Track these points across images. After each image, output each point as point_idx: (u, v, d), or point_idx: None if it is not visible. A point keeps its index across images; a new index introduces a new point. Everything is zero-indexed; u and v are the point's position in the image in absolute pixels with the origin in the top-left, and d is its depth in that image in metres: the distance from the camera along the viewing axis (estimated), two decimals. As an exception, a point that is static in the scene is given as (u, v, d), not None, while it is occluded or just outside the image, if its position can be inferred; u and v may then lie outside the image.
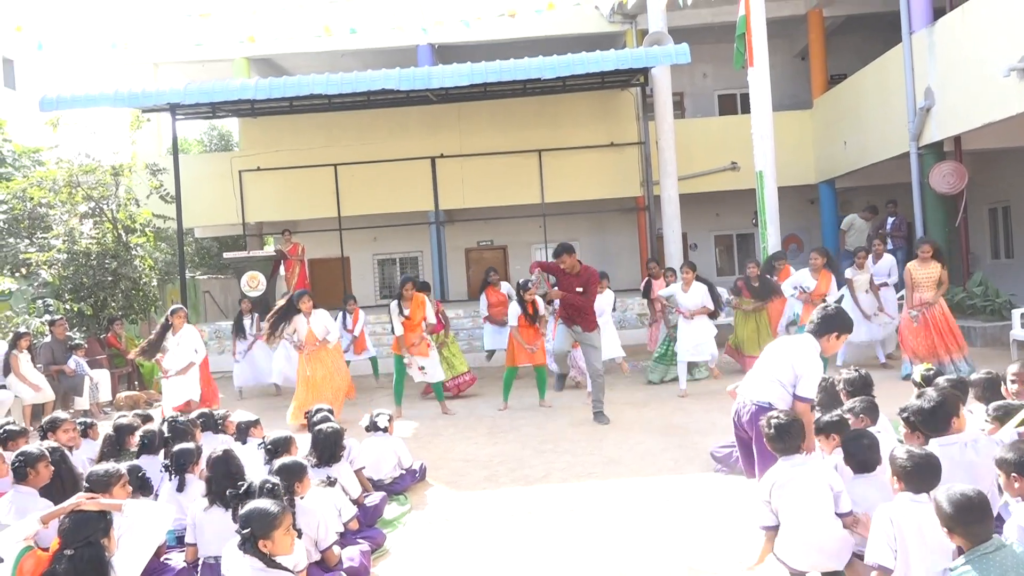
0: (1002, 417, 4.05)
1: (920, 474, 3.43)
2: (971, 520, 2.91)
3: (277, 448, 4.96)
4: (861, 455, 4.01)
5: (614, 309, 10.31)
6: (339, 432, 5.27)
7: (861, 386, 5.08)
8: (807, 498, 3.82)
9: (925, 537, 3.30)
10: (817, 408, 5.11)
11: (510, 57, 12.27)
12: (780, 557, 3.88)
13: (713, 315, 9.31)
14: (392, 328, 8.88)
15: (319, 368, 8.60)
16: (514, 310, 9.04)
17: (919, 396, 4.21)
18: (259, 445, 5.30)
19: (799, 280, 9.33)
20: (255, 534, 3.36)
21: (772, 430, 4.01)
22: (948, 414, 3.96)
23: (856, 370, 5.24)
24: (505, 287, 10.75)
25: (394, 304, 8.81)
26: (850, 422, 4.54)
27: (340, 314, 10.93)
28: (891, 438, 4.60)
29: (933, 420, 3.99)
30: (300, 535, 3.80)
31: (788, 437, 3.97)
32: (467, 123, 16.45)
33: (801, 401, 4.28)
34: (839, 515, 3.84)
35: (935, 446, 3.90)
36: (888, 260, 10.44)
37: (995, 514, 3.36)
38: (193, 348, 8.78)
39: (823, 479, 3.86)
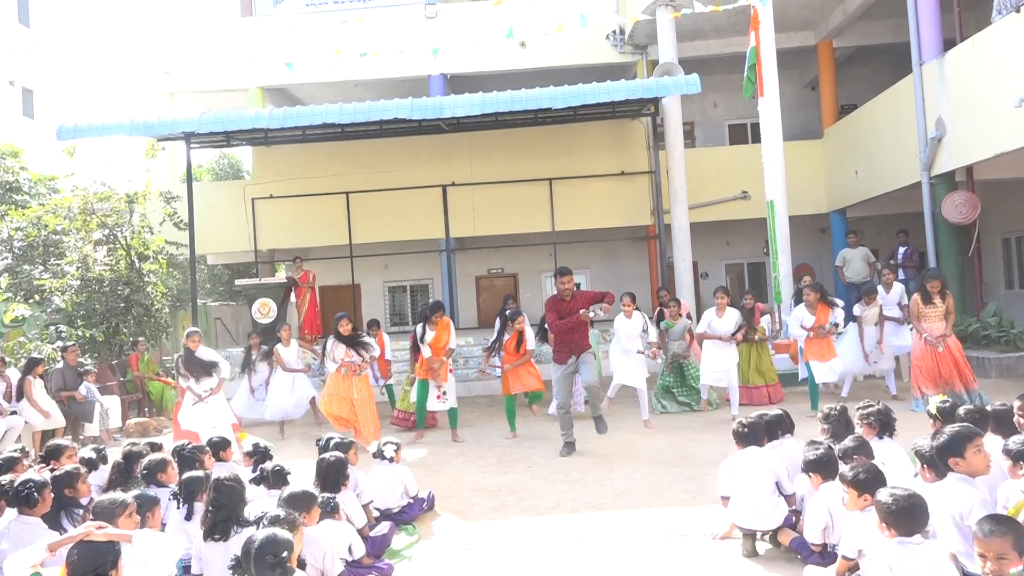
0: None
1: (906, 515, 3.38)
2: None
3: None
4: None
5: (645, 330, 9.35)
6: (343, 461, 5.25)
7: (879, 417, 5.02)
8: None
9: None
10: (829, 438, 5.08)
11: (521, 87, 12.36)
12: None
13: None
14: (413, 351, 9.01)
15: (359, 390, 8.59)
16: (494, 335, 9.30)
17: (937, 433, 4.13)
18: (250, 480, 5.22)
19: (800, 317, 9.29)
20: (284, 561, 3.30)
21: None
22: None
23: (876, 402, 5.20)
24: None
25: (419, 327, 8.98)
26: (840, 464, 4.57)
27: None
28: (907, 472, 4.56)
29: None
30: (304, 566, 3.76)
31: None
32: (478, 152, 16.55)
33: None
34: None
35: (954, 482, 3.85)
36: (898, 289, 10.41)
37: None
38: (217, 362, 8.44)
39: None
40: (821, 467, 4.47)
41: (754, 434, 5.04)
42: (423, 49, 14.47)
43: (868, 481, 3.90)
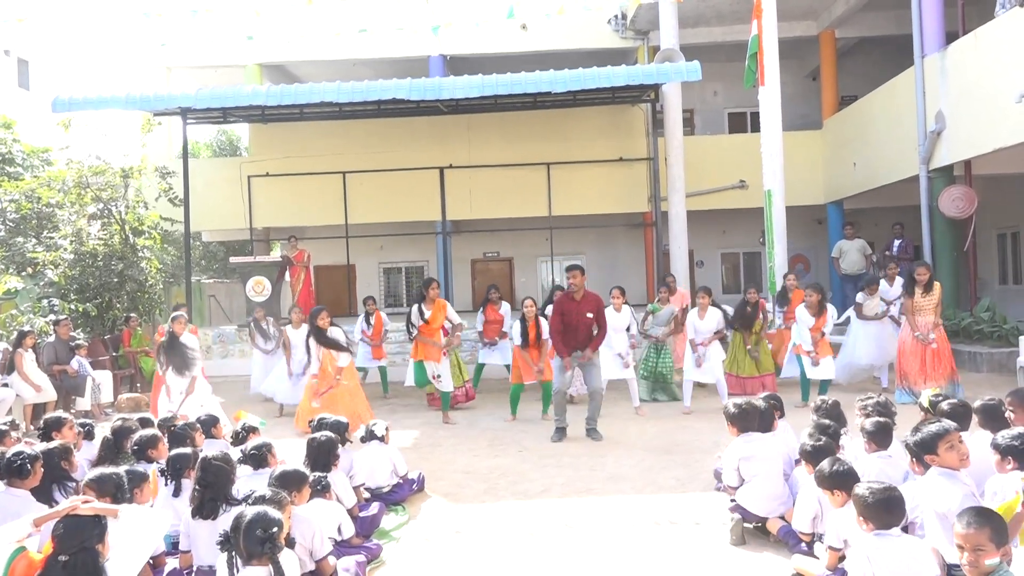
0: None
1: (883, 509, 3.41)
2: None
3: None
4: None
5: (628, 328, 9.43)
6: (333, 441, 5.24)
7: (878, 409, 5.05)
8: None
9: (898, 573, 3.28)
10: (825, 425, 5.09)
11: (521, 70, 12.28)
12: None
13: (724, 339, 9.36)
14: (408, 332, 8.93)
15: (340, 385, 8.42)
16: (517, 329, 9.16)
17: (915, 429, 4.17)
18: (238, 459, 5.19)
19: (801, 317, 9.25)
20: (274, 537, 3.28)
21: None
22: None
23: (876, 395, 5.24)
24: (504, 307, 10.65)
25: (415, 307, 8.90)
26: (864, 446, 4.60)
27: (361, 317, 11.02)
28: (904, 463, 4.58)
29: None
30: (294, 545, 3.75)
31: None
32: (476, 134, 16.47)
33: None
34: None
35: (935, 476, 3.87)
36: (901, 283, 10.40)
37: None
38: (196, 357, 8.38)
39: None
40: (816, 458, 4.47)
41: (750, 417, 5.05)
42: (423, 29, 14.37)
43: (839, 476, 3.96)
